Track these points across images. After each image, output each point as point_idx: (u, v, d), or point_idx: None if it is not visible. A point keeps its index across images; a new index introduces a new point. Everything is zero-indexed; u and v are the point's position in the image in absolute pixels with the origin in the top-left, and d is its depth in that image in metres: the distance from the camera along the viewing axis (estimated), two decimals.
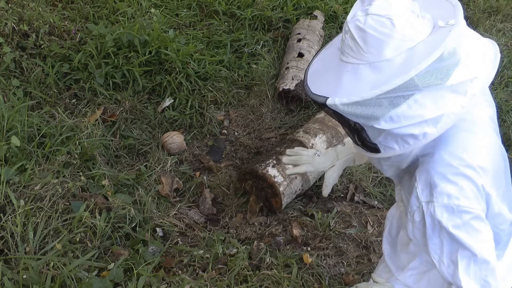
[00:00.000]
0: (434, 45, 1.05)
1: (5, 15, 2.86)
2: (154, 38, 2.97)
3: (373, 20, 1.08)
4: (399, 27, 1.06)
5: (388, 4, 1.09)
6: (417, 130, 1.10)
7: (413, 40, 1.08)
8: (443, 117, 1.09)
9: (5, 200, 1.96)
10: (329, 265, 2.14)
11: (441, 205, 1.14)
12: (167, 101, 2.89)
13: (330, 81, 1.16)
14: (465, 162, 1.14)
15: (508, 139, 2.87)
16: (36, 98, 2.63)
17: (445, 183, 1.13)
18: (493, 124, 1.28)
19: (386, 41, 1.07)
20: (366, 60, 1.10)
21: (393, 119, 1.08)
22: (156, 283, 1.86)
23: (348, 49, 1.13)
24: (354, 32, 1.10)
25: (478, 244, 1.15)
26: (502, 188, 1.27)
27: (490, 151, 1.21)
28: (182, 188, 2.47)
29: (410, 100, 1.06)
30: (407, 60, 1.06)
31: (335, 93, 1.10)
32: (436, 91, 1.06)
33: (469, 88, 1.09)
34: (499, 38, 3.88)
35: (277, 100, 3.07)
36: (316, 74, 1.23)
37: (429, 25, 1.11)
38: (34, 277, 1.71)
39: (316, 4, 3.83)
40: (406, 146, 1.14)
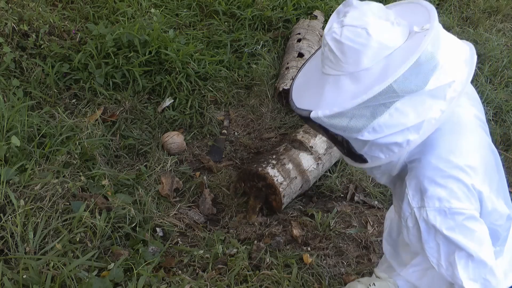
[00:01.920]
0: (410, 50, 1.06)
1: (5, 15, 2.86)
2: (154, 38, 2.97)
3: (348, 31, 1.09)
4: (375, 36, 1.08)
5: (362, 14, 1.10)
6: (400, 138, 1.12)
7: (389, 48, 1.09)
8: (424, 123, 1.10)
9: (5, 200, 1.96)
10: (329, 265, 2.14)
11: (433, 209, 1.15)
12: (167, 101, 2.89)
13: (313, 94, 1.18)
14: (452, 164, 1.15)
15: (508, 139, 2.87)
16: (36, 98, 2.63)
17: (435, 187, 1.14)
18: (478, 122, 1.28)
19: (363, 50, 1.08)
20: (346, 71, 1.12)
21: (375, 130, 1.10)
22: (156, 283, 1.86)
23: (328, 61, 1.15)
24: (332, 44, 1.12)
25: (473, 244, 1.16)
26: (495, 183, 1.27)
27: (478, 148, 1.22)
28: (182, 188, 2.47)
29: (391, 108, 1.07)
30: (385, 68, 1.07)
31: (318, 106, 1.12)
32: (416, 98, 1.08)
33: (448, 92, 1.10)
34: (499, 38, 3.88)
35: (277, 100, 3.07)
36: (300, 89, 1.26)
37: (405, 32, 1.13)
38: (34, 277, 1.71)
39: (316, 4, 3.84)
40: (391, 154, 1.16)
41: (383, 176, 1.36)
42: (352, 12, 1.12)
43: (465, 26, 4.03)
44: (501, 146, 2.84)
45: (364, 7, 1.13)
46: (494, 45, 3.72)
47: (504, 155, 2.78)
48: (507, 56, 3.60)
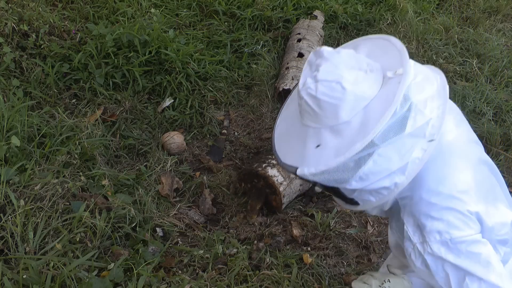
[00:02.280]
0: (386, 101, 1.07)
1: (5, 15, 2.86)
2: (154, 38, 2.97)
3: (323, 86, 1.09)
4: (350, 89, 1.08)
5: (334, 67, 1.10)
6: (387, 182, 1.13)
7: (366, 98, 1.10)
8: (409, 165, 1.12)
9: (5, 200, 1.96)
10: (329, 265, 2.14)
11: (435, 242, 1.17)
12: (167, 101, 2.89)
13: (296, 148, 1.19)
14: (443, 195, 1.17)
15: (508, 139, 2.87)
16: (36, 98, 2.63)
17: (432, 222, 1.16)
18: (463, 140, 1.29)
19: (339, 105, 1.08)
20: (325, 124, 1.12)
21: (362, 178, 1.11)
22: (156, 283, 1.86)
23: (307, 114, 1.15)
24: (308, 100, 1.12)
25: (481, 267, 1.17)
26: (492, 193, 1.29)
27: (467, 168, 1.23)
28: (182, 188, 2.47)
29: (374, 155, 1.08)
30: (364, 120, 1.08)
31: (303, 162, 1.14)
32: (397, 141, 1.09)
33: (427, 131, 1.12)
34: (499, 38, 3.88)
35: (277, 100, 3.07)
36: (282, 139, 1.26)
37: (379, 77, 1.13)
38: (34, 277, 1.71)
39: (316, 4, 3.83)
40: (381, 197, 1.18)
41: (374, 210, 1.38)
42: (325, 66, 1.11)
43: (465, 26, 4.03)
44: (501, 146, 2.84)
45: (336, 59, 1.12)
46: (494, 45, 3.72)
47: (504, 155, 2.78)
48: (507, 56, 3.60)
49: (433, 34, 3.77)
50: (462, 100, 3.12)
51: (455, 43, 3.72)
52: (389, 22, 3.84)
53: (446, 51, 3.61)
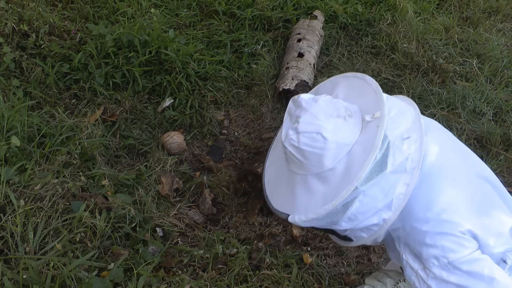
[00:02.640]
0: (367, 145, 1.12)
1: (5, 15, 2.86)
2: (154, 38, 2.97)
3: (304, 137, 1.14)
4: (330, 138, 1.12)
5: (314, 118, 1.15)
6: (375, 219, 1.18)
7: (347, 145, 1.14)
8: (394, 201, 1.16)
9: (5, 200, 1.96)
10: (329, 265, 2.14)
11: (435, 267, 1.20)
12: (167, 101, 2.89)
13: (286, 194, 1.25)
14: (433, 221, 1.19)
15: (508, 139, 2.87)
16: (36, 98, 2.63)
17: (427, 249, 1.20)
18: (445, 157, 1.30)
19: (322, 153, 1.13)
20: (311, 172, 1.17)
21: (351, 219, 1.17)
22: (156, 283, 1.86)
23: (292, 162, 1.20)
24: (292, 150, 1.17)
25: (485, 284, 1.18)
26: (486, 203, 1.29)
27: (452, 187, 1.25)
28: (182, 188, 2.47)
29: (360, 196, 1.13)
30: (347, 167, 1.13)
31: (293, 210, 1.19)
32: (380, 180, 1.13)
33: (407, 165, 1.16)
34: (499, 38, 3.88)
35: (277, 100, 3.07)
36: (272, 185, 1.32)
37: (358, 121, 1.18)
38: (34, 277, 1.71)
39: (316, 4, 3.83)
40: (372, 233, 1.23)
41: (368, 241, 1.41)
42: (304, 117, 1.16)
43: (465, 26, 4.03)
44: (501, 146, 2.84)
45: (314, 108, 1.16)
46: (494, 45, 3.72)
47: (504, 155, 2.78)
48: (507, 56, 3.60)
49: (433, 34, 3.77)
50: (462, 100, 3.12)
51: (455, 43, 3.72)
52: (389, 22, 3.84)
53: (446, 51, 3.61)
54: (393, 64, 3.49)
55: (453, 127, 2.93)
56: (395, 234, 1.28)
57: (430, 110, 3.04)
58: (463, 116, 3.02)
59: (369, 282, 1.53)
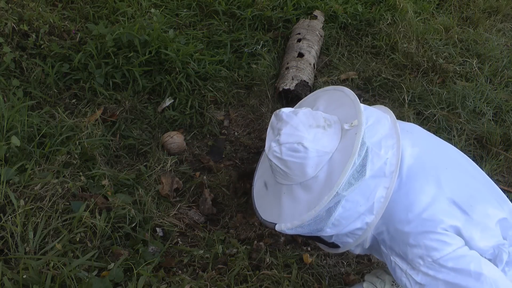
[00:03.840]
0: (346, 152, 1.18)
1: (5, 15, 2.86)
2: (154, 38, 2.97)
3: (286, 148, 1.21)
4: (311, 147, 1.19)
5: (294, 129, 1.22)
6: (359, 223, 1.23)
7: (327, 153, 1.21)
8: (375, 204, 1.21)
9: (5, 200, 1.96)
10: (329, 265, 2.14)
11: (421, 266, 1.23)
12: (167, 101, 2.89)
13: (273, 204, 1.31)
14: (415, 222, 1.23)
15: (508, 139, 2.87)
16: (36, 98, 2.63)
17: (411, 249, 1.23)
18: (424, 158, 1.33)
19: (304, 163, 1.20)
20: (295, 181, 1.24)
21: (335, 224, 1.22)
22: (156, 283, 1.86)
23: (278, 174, 1.27)
24: (275, 162, 1.24)
25: (473, 280, 1.20)
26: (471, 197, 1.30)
27: (433, 186, 1.27)
28: (182, 188, 2.47)
29: (342, 202, 1.18)
30: (328, 174, 1.19)
31: (279, 218, 1.25)
32: (361, 185, 1.18)
33: (386, 169, 1.21)
34: (499, 38, 3.88)
35: (277, 100, 3.08)
36: (260, 196, 1.39)
37: (337, 130, 1.25)
38: (34, 277, 1.71)
39: (316, 4, 3.83)
40: (357, 237, 1.28)
41: (357, 249, 1.45)
42: (285, 129, 1.22)
43: (465, 26, 4.03)
44: (501, 146, 2.85)
45: (294, 120, 1.23)
46: (494, 45, 3.72)
47: (504, 155, 2.78)
48: (507, 56, 3.60)
49: (433, 34, 3.77)
50: (462, 100, 3.12)
51: (455, 43, 3.72)
52: (389, 22, 3.84)
53: (446, 51, 3.61)
54: (393, 64, 3.49)
55: (453, 127, 2.93)
56: (380, 238, 1.31)
57: (430, 110, 3.04)
58: (463, 116, 3.02)
59: (368, 279, 1.55)
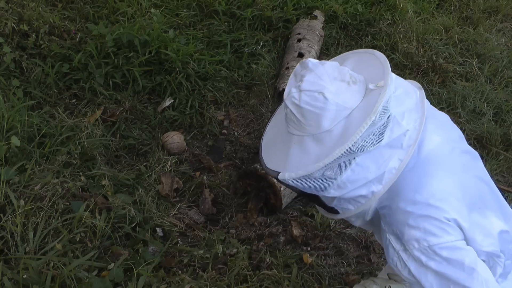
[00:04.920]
0: (367, 110, 1.12)
1: (5, 15, 2.86)
2: (154, 38, 2.97)
3: (306, 96, 1.14)
4: (331, 99, 1.13)
5: (318, 78, 1.15)
6: (364, 190, 1.18)
7: (347, 109, 1.14)
8: (385, 174, 1.16)
9: (5, 200, 1.96)
10: (329, 265, 2.14)
11: (415, 250, 1.19)
12: (167, 101, 2.89)
13: (280, 154, 1.24)
14: (420, 204, 1.18)
15: (508, 139, 2.87)
16: (36, 98, 2.63)
17: (409, 230, 1.18)
18: (445, 149, 1.30)
19: (322, 114, 1.13)
20: (308, 132, 1.17)
21: (340, 186, 1.16)
22: (156, 283, 1.86)
23: (292, 122, 1.20)
24: (292, 108, 1.17)
25: (465, 274, 1.17)
26: (480, 201, 1.28)
27: (447, 177, 1.24)
28: (182, 188, 2.47)
29: (352, 164, 1.13)
30: (344, 129, 1.13)
31: (285, 167, 1.18)
32: (375, 151, 1.13)
33: (404, 141, 1.16)
34: (499, 38, 3.89)
35: (277, 100, 3.07)
36: (268, 146, 1.32)
37: (361, 89, 1.18)
38: (34, 277, 1.71)
39: (316, 4, 3.83)
40: (359, 206, 1.22)
41: (357, 220, 1.40)
42: (308, 76, 1.16)
43: (465, 26, 4.03)
44: (501, 146, 2.85)
45: (319, 70, 1.17)
46: (494, 45, 3.72)
47: (504, 155, 2.78)
48: (507, 56, 3.60)
49: (433, 34, 3.77)
50: (462, 100, 3.12)
51: (455, 43, 3.72)
52: (389, 22, 3.84)
53: (446, 51, 3.61)
54: (393, 64, 3.49)
55: None
56: (382, 212, 1.27)
57: None
58: (463, 116, 3.02)
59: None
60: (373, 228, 1.46)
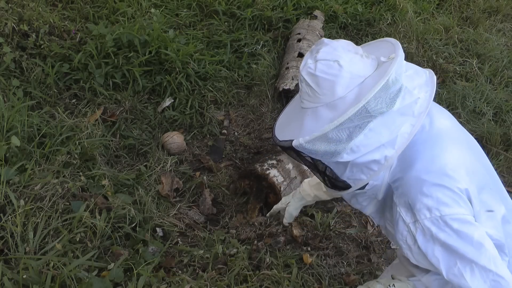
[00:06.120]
0: (380, 76, 1.17)
1: (5, 15, 2.86)
2: (154, 38, 2.97)
3: (321, 64, 1.20)
4: (346, 67, 1.18)
5: (333, 49, 1.22)
6: (377, 155, 1.19)
7: (360, 77, 1.19)
8: (398, 138, 1.18)
9: (5, 200, 1.96)
10: (329, 265, 2.14)
11: (425, 220, 1.20)
12: (167, 101, 2.89)
13: (294, 127, 1.28)
14: (433, 173, 1.21)
15: (508, 139, 2.87)
16: (36, 98, 2.63)
17: (422, 198, 1.20)
18: (455, 131, 1.35)
19: (336, 81, 1.18)
20: (323, 102, 1.21)
21: (353, 150, 1.18)
22: (156, 283, 1.86)
23: (306, 95, 1.25)
24: (307, 78, 1.22)
25: (473, 249, 1.18)
26: (486, 181, 1.31)
27: (458, 150, 1.28)
28: (182, 188, 2.47)
29: (366, 129, 1.16)
30: (358, 94, 1.17)
31: (299, 135, 1.21)
32: (387, 117, 1.17)
33: (415, 109, 1.20)
34: (499, 38, 3.89)
35: (277, 100, 3.08)
36: (282, 126, 1.36)
37: (374, 63, 1.24)
38: (34, 277, 1.71)
39: (316, 4, 3.84)
40: (372, 173, 1.23)
41: (369, 204, 1.42)
42: (324, 48, 1.23)
43: (465, 26, 4.03)
44: (501, 146, 2.85)
45: (335, 43, 1.25)
46: (494, 45, 3.73)
47: (504, 155, 2.78)
48: (507, 56, 3.60)
49: (433, 34, 3.77)
50: (462, 100, 3.12)
51: (455, 43, 3.72)
52: (389, 22, 3.84)
53: (446, 51, 3.61)
54: None
55: None
56: (395, 185, 1.28)
57: None
58: (463, 116, 3.02)
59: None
60: (383, 216, 1.44)
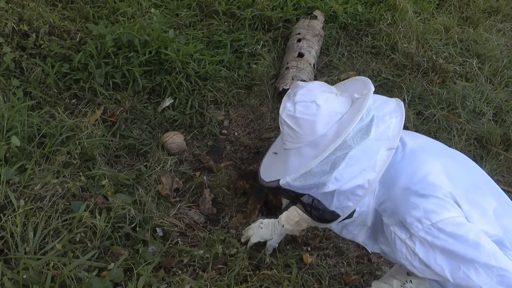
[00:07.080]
0: (356, 111, 1.26)
1: (5, 15, 2.86)
2: (154, 38, 2.97)
3: (300, 106, 1.29)
4: (323, 106, 1.28)
5: (309, 91, 1.31)
6: (360, 180, 1.26)
7: (337, 113, 1.29)
8: (377, 161, 1.26)
9: (5, 200, 1.96)
10: (329, 265, 2.14)
11: (419, 231, 1.24)
12: (167, 101, 2.89)
13: (278, 168, 1.36)
14: (416, 185, 1.28)
15: (508, 139, 2.87)
16: (36, 98, 2.63)
17: (410, 211, 1.25)
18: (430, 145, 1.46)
19: (316, 120, 1.27)
20: (305, 141, 1.29)
21: (337, 179, 1.25)
22: (156, 283, 1.86)
23: (288, 137, 1.33)
24: (288, 120, 1.31)
25: (471, 249, 1.20)
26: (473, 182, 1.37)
27: (436, 159, 1.35)
28: (182, 188, 2.47)
29: (346, 158, 1.23)
30: (337, 130, 1.26)
31: (285, 174, 1.28)
32: (365, 145, 1.25)
33: (389, 133, 1.28)
34: (499, 38, 3.89)
35: (277, 100, 3.07)
36: (266, 168, 1.44)
37: (348, 100, 1.34)
38: (34, 277, 1.71)
39: (316, 4, 3.83)
40: (358, 199, 1.29)
41: (360, 231, 1.48)
42: (301, 91, 1.32)
43: (465, 26, 4.03)
44: (501, 146, 2.84)
45: (310, 85, 1.34)
46: (494, 45, 3.72)
47: (504, 155, 2.78)
48: (507, 56, 3.60)
49: (433, 34, 3.77)
50: (462, 100, 3.12)
51: (455, 43, 3.72)
52: (389, 22, 3.84)
53: (446, 51, 3.61)
54: (393, 64, 3.49)
55: (453, 127, 2.93)
56: (382, 208, 1.34)
57: (430, 110, 3.04)
58: (463, 116, 3.02)
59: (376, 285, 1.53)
60: (377, 241, 1.48)
